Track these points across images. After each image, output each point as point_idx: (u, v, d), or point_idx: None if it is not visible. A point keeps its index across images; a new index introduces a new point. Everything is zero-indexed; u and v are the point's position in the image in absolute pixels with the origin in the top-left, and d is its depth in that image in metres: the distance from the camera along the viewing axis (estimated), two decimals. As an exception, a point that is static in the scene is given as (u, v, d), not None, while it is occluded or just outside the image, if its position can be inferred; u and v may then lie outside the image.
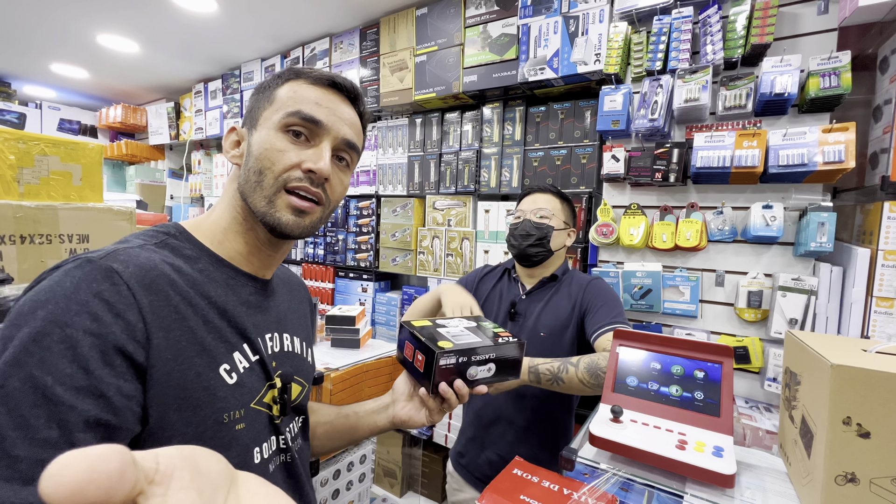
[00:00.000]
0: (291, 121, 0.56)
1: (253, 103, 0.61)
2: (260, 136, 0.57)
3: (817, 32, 1.21)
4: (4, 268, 1.02)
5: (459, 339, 0.67)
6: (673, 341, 0.76)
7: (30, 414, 0.37)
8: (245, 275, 0.59)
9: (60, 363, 0.39)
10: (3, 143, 1.04)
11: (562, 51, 1.60)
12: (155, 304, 0.46)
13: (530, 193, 1.27)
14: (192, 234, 0.57)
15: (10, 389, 0.37)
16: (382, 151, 2.28)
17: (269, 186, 0.55)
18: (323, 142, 0.58)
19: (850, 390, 0.47)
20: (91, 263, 0.44)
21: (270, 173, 0.55)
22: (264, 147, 0.56)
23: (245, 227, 0.58)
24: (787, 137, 1.18)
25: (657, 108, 1.34)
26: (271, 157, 0.55)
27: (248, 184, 0.56)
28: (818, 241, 1.13)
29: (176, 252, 0.53)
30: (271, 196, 0.55)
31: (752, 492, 0.61)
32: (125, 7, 2.23)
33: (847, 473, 0.48)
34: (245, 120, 0.61)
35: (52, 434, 0.37)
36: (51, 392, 0.38)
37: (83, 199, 1.18)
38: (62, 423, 0.38)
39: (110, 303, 0.42)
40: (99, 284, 0.43)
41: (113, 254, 0.46)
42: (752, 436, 1.02)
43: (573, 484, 0.62)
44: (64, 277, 0.43)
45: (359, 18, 2.23)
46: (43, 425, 0.37)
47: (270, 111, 0.57)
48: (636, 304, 1.41)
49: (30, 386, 0.38)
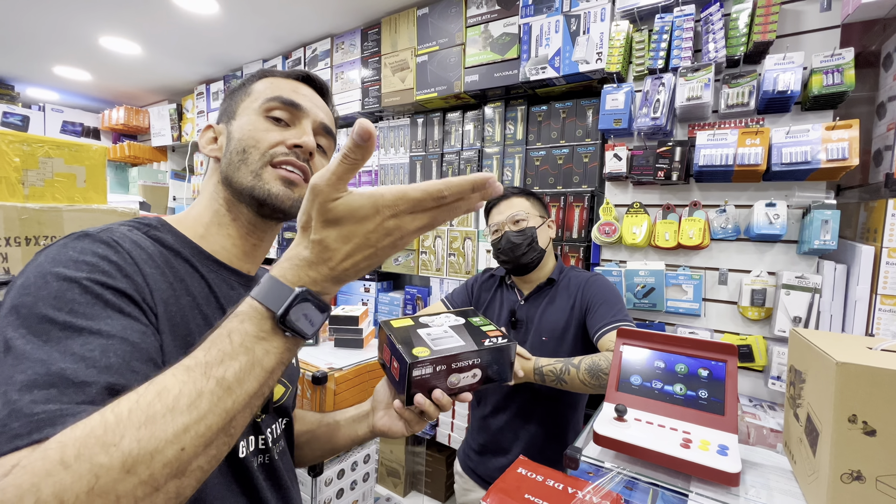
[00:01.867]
0: (272, 105, 0.58)
1: (228, 102, 0.62)
2: (240, 122, 0.58)
3: (820, 29, 1.21)
4: (10, 269, 1.03)
5: (440, 344, 0.61)
6: (677, 340, 0.76)
7: (82, 350, 0.37)
8: (228, 269, 0.58)
9: (93, 309, 0.40)
10: (7, 145, 1.04)
11: (563, 50, 1.60)
12: (154, 276, 0.47)
13: (495, 205, 1.24)
14: (174, 227, 0.57)
15: (55, 337, 0.37)
16: (384, 152, 2.28)
17: (255, 161, 0.56)
18: (303, 122, 0.60)
19: (855, 388, 0.47)
20: (89, 236, 0.45)
21: (256, 150, 0.56)
22: (247, 129, 0.57)
23: (229, 217, 0.59)
24: (790, 135, 1.17)
25: (659, 106, 1.34)
26: (255, 135, 0.56)
27: (231, 165, 0.57)
28: (822, 239, 1.13)
29: (160, 243, 0.53)
30: (258, 170, 0.56)
31: (756, 490, 0.61)
32: (127, 9, 2.23)
33: (853, 471, 0.48)
34: (221, 117, 0.62)
35: (112, 361, 0.38)
36: (97, 329, 0.39)
37: (87, 200, 1.19)
38: (118, 352, 0.39)
39: (118, 264, 0.44)
40: (104, 250, 0.44)
41: (108, 229, 0.47)
42: (756, 434, 1.01)
43: (578, 483, 0.62)
44: (64, 248, 0.43)
45: (360, 19, 2.23)
46: (100, 356, 0.37)
47: (248, 101, 0.59)
48: (639, 303, 1.41)
49: (72, 330, 0.38)
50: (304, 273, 0.39)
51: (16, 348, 0.36)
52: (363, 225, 0.38)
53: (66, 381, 0.35)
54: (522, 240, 1.16)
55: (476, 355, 0.62)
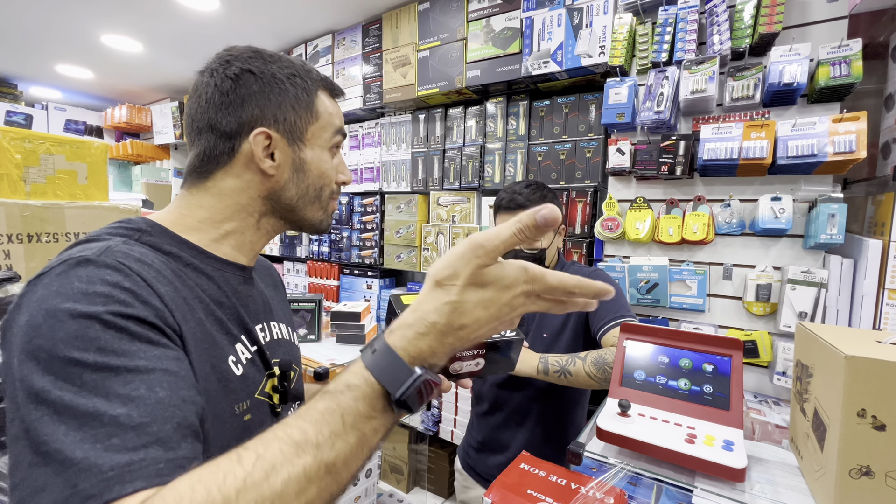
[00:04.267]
0: (338, 140, 0.62)
1: (287, 109, 0.56)
2: (314, 154, 0.59)
3: (827, 20, 1.19)
4: (12, 266, 1.03)
5: None
6: (681, 335, 0.75)
7: (126, 390, 0.35)
8: (231, 265, 0.58)
9: (121, 344, 0.37)
10: (9, 142, 1.04)
11: (566, 44, 1.58)
12: (169, 294, 0.45)
13: (509, 211, 1.15)
14: (167, 227, 0.54)
15: (90, 382, 0.35)
16: (386, 148, 2.27)
17: (326, 199, 0.62)
18: (340, 151, 0.65)
19: (864, 382, 0.47)
20: (92, 262, 0.41)
21: (328, 189, 0.62)
22: (324, 167, 0.60)
23: (255, 227, 0.59)
24: (797, 128, 1.16)
25: (663, 100, 1.32)
26: (329, 175, 0.61)
27: (302, 199, 0.59)
28: (828, 233, 1.12)
29: (156, 249, 0.50)
30: (326, 206, 0.62)
31: (762, 486, 0.60)
32: (129, 7, 2.23)
33: (862, 467, 0.47)
34: (274, 124, 0.56)
35: (161, 395, 0.36)
36: (133, 366, 0.36)
37: (89, 197, 1.19)
38: (163, 384, 0.37)
39: (133, 291, 0.40)
40: (113, 276, 0.40)
41: (108, 250, 0.43)
42: (761, 430, 1.00)
43: (581, 478, 0.62)
44: (66, 279, 0.39)
45: (361, 15, 2.22)
46: (147, 393, 0.36)
47: (317, 127, 0.60)
48: (643, 299, 1.40)
49: (108, 370, 0.35)
50: (425, 345, 0.37)
51: (52, 401, 0.34)
52: (505, 294, 0.38)
53: (123, 428, 0.33)
54: (531, 262, 1.13)
55: (481, 345, 0.60)
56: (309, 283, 2.61)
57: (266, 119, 0.55)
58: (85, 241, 0.47)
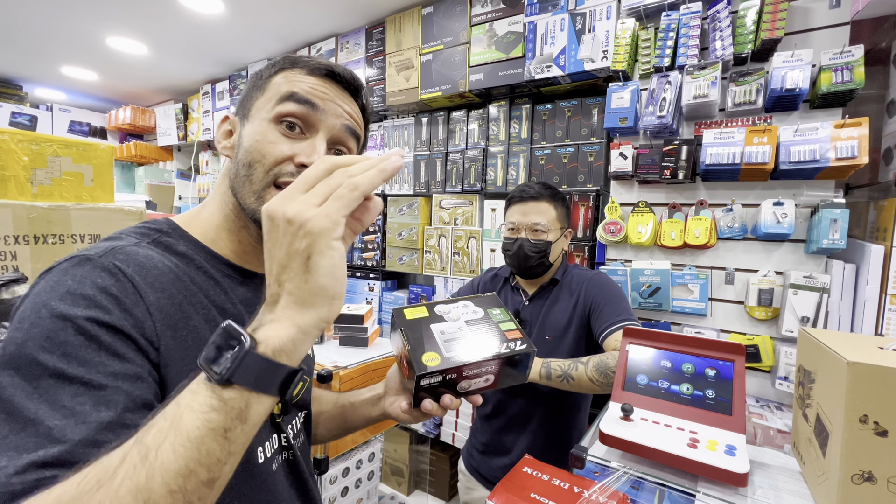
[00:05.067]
0: (284, 108, 0.52)
1: (246, 92, 0.57)
2: (252, 127, 0.53)
3: (829, 27, 1.20)
4: (19, 267, 1.04)
5: (452, 348, 0.56)
6: (683, 339, 0.76)
7: (72, 402, 0.36)
8: (242, 271, 0.57)
9: (86, 353, 0.38)
10: (16, 144, 1.05)
11: (568, 48, 1.59)
12: (161, 301, 0.44)
13: (521, 201, 1.18)
14: (185, 230, 0.54)
15: (44, 385, 0.36)
16: (388, 150, 2.28)
17: (259, 181, 0.51)
18: (318, 133, 0.54)
19: (866, 388, 0.47)
20: (91, 261, 0.42)
21: (260, 167, 0.51)
22: (255, 139, 0.52)
23: (237, 224, 0.56)
24: (799, 133, 1.16)
25: (665, 104, 1.33)
26: (262, 149, 0.51)
27: (237, 178, 0.53)
28: (830, 239, 1.12)
29: (170, 249, 0.50)
30: (260, 191, 0.51)
31: (764, 490, 0.60)
32: (134, 10, 2.25)
33: (864, 472, 0.47)
34: (238, 109, 0.57)
35: (102, 416, 0.36)
36: (88, 379, 0.37)
37: (94, 199, 1.20)
38: (110, 404, 0.37)
39: (117, 297, 0.41)
40: (104, 280, 0.41)
41: (111, 251, 0.44)
42: (763, 435, 1.01)
43: (584, 482, 0.62)
44: (63, 276, 0.41)
45: (364, 18, 2.23)
46: (90, 410, 0.36)
47: (263, 100, 0.54)
48: (644, 303, 1.40)
49: (63, 378, 0.36)
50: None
51: (4, 398, 0.35)
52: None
53: (53, 441, 0.34)
54: (535, 252, 1.14)
55: (491, 363, 0.57)
56: (311, 284, 2.61)
57: (236, 109, 0.58)
58: (105, 239, 0.48)
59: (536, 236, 1.15)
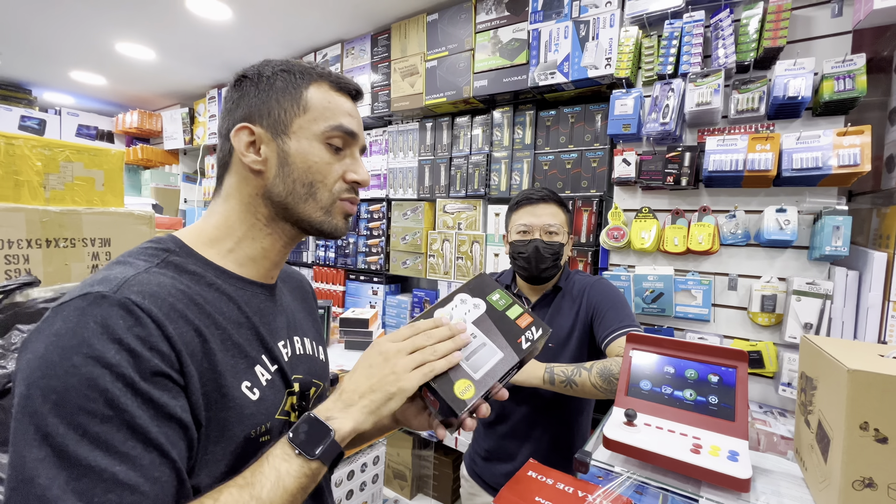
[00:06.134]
0: (335, 135, 0.57)
1: (272, 103, 0.56)
2: (300, 146, 0.56)
3: (831, 35, 1.21)
4: (31, 270, 1.05)
5: (478, 365, 0.54)
6: (686, 345, 0.76)
7: (125, 447, 0.39)
8: (253, 283, 0.58)
9: (125, 400, 0.40)
10: (30, 150, 1.07)
11: (572, 55, 1.61)
12: (180, 331, 0.46)
13: (531, 203, 1.18)
14: (192, 247, 0.55)
15: (92, 433, 0.38)
16: (393, 155, 2.30)
17: (326, 199, 0.57)
18: (356, 151, 0.61)
19: (867, 395, 0.48)
20: (107, 299, 0.42)
21: (324, 187, 0.57)
22: (313, 160, 0.56)
23: (266, 231, 0.58)
24: (801, 141, 1.17)
25: (668, 111, 1.34)
26: (322, 170, 0.57)
27: (292, 195, 0.56)
28: (833, 245, 1.12)
29: (181, 270, 0.51)
30: (328, 207, 0.58)
31: (767, 496, 0.61)
32: (143, 16, 2.28)
33: (864, 478, 0.48)
34: (259, 118, 0.56)
35: (153, 456, 0.41)
36: (135, 424, 0.40)
37: (105, 203, 1.22)
38: (158, 445, 0.41)
39: (142, 338, 0.42)
40: (125, 321, 0.42)
41: (125, 285, 0.44)
42: (766, 441, 1.01)
43: (587, 486, 0.63)
44: (83, 318, 0.41)
45: (370, 25, 2.26)
46: (143, 453, 0.40)
47: (306, 120, 0.56)
48: (648, 308, 1.41)
49: (111, 424, 0.39)
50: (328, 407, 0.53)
51: (57, 445, 0.37)
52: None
53: (120, 486, 0.38)
54: (551, 254, 1.13)
55: (519, 364, 0.56)
56: (315, 288, 2.63)
57: (252, 116, 0.56)
58: (115, 262, 0.50)
59: (551, 238, 1.14)
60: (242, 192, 0.57)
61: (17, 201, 1.06)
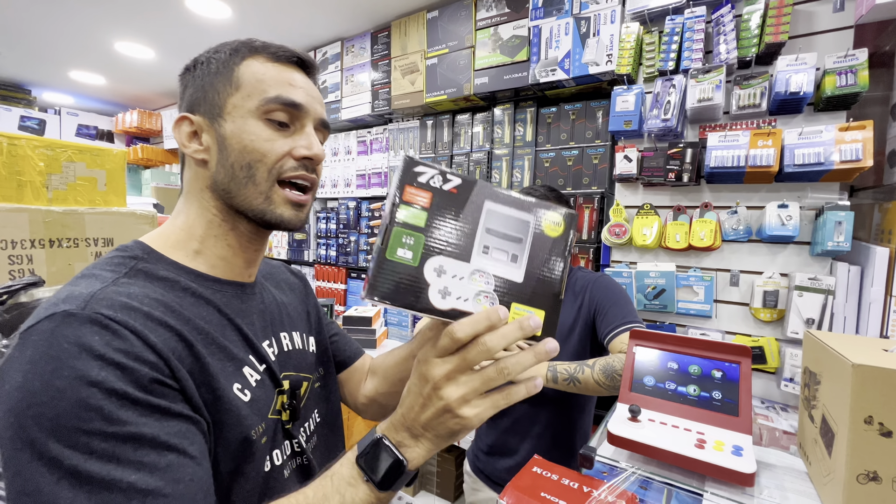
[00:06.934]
0: (273, 108, 0.51)
1: (206, 86, 0.53)
2: (235, 126, 0.51)
3: (833, 30, 1.20)
4: (34, 270, 1.06)
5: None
6: (690, 341, 0.77)
7: (136, 456, 0.38)
8: (231, 283, 0.55)
9: (124, 413, 0.38)
10: (32, 150, 1.07)
11: (573, 52, 1.60)
12: (162, 338, 0.43)
13: None
14: (160, 252, 0.51)
15: (100, 450, 0.37)
16: (394, 153, 2.30)
17: (264, 181, 0.51)
18: (306, 125, 0.54)
19: (871, 390, 0.48)
20: (76, 317, 0.39)
21: (262, 166, 0.51)
22: (248, 139, 0.50)
23: (226, 227, 0.54)
24: (803, 136, 1.17)
25: (670, 108, 1.34)
26: (259, 147, 0.51)
27: (233, 181, 0.51)
28: (835, 241, 1.13)
29: (152, 277, 0.48)
30: (267, 191, 0.52)
31: (771, 490, 0.61)
32: (143, 15, 2.28)
33: (869, 472, 0.49)
34: (198, 106, 0.53)
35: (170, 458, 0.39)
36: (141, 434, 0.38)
37: (107, 203, 1.22)
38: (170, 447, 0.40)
39: (125, 351, 0.40)
40: (102, 336, 0.39)
41: (92, 300, 0.41)
42: (768, 436, 1.01)
43: (593, 482, 0.63)
44: (54, 340, 0.38)
45: (370, 22, 2.25)
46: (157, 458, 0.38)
47: (239, 97, 0.51)
48: (650, 305, 1.41)
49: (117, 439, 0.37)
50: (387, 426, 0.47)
51: (68, 466, 0.35)
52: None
53: (141, 492, 0.37)
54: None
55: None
56: (316, 286, 2.63)
57: (192, 105, 0.53)
58: (79, 276, 0.46)
59: None
60: (194, 188, 0.54)
61: (19, 202, 1.06)
